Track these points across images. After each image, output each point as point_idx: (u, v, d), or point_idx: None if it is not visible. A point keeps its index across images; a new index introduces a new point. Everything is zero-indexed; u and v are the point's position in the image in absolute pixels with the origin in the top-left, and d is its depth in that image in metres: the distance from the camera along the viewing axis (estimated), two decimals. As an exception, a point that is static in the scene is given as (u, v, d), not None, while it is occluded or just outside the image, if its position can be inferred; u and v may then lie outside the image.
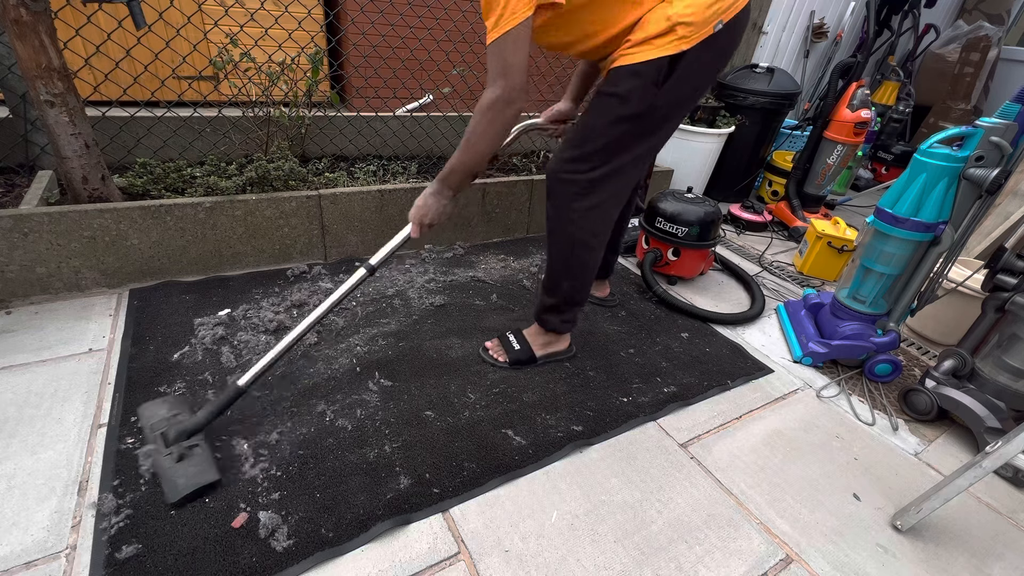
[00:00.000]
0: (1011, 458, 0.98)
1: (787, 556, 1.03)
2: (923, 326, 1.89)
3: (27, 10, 1.32)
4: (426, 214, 1.22)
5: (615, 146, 1.18)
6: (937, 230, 1.39)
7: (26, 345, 1.32)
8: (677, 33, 1.06)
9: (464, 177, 1.19)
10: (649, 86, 1.10)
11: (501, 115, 1.07)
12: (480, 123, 1.09)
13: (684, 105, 1.19)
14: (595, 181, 1.21)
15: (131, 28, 1.65)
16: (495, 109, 1.06)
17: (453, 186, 1.20)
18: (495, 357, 1.45)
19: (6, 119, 1.75)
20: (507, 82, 1.04)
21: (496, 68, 1.04)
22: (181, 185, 1.83)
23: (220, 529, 0.93)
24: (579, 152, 1.20)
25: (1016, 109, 1.39)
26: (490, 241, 2.23)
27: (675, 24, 1.06)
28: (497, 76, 1.04)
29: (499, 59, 1.03)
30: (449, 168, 1.17)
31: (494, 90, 1.05)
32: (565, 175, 1.23)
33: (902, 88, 3.62)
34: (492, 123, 1.08)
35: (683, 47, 1.07)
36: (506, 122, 1.09)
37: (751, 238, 2.64)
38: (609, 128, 1.17)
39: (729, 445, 1.29)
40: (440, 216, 1.23)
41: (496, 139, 1.12)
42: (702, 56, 1.10)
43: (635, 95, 1.12)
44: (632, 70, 1.10)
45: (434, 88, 2.60)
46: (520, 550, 0.98)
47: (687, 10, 1.06)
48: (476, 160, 1.15)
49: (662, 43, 1.07)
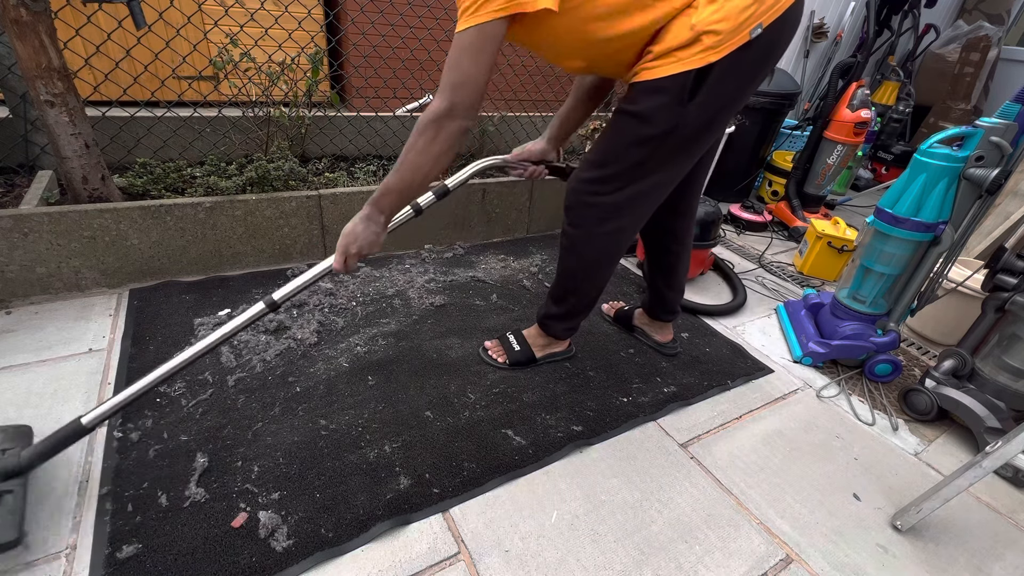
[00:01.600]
0: (1011, 458, 0.98)
1: (787, 556, 1.03)
2: (923, 326, 1.89)
3: (27, 10, 1.32)
4: (353, 242, 1.05)
5: (637, 169, 1.09)
6: (937, 230, 1.39)
7: (26, 345, 1.32)
8: (703, 43, 0.94)
9: (399, 200, 1.04)
10: (673, 104, 0.99)
11: (444, 131, 0.95)
12: (420, 140, 0.96)
13: (716, 123, 1.06)
14: (619, 205, 1.14)
15: (131, 28, 1.65)
16: (437, 124, 0.94)
17: (386, 210, 1.05)
18: (495, 358, 1.45)
19: (6, 119, 1.75)
20: (457, 97, 0.93)
21: (450, 78, 0.93)
22: (181, 185, 1.83)
23: (220, 529, 0.93)
24: (600, 174, 1.13)
25: (1016, 109, 1.39)
26: (490, 241, 2.23)
27: (700, 34, 0.93)
28: (448, 87, 0.93)
29: (456, 67, 0.92)
30: (383, 189, 1.02)
31: (441, 102, 0.93)
32: (587, 197, 1.16)
33: (902, 88, 3.62)
34: (433, 140, 0.95)
35: (710, 59, 0.94)
36: (449, 140, 0.96)
37: (751, 238, 2.64)
38: (629, 150, 1.08)
39: (729, 445, 1.29)
40: (372, 245, 1.07)
41: (436, 159, 0.98)
42: (737, 67, 0.97)
43: (657, 114, 1.01)
44: (653, 86, 1.00)
45: (434, 88, 2.60)
46: (520, 550, 0.98)
47: (714, 16, 0.93)
48: (413, 181, 1.00)
49: (686, 55, 0.95)
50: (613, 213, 1.16)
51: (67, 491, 0.98)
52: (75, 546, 0.89)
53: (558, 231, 2.36)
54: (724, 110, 1.05)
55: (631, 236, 1.24)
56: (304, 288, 1.11)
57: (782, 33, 0.99)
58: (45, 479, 0.99)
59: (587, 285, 1.31)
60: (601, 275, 1.29)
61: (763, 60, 1.01)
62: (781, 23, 0.97)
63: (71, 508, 0.95)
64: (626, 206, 1.15)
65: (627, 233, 1.22)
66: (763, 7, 0.94)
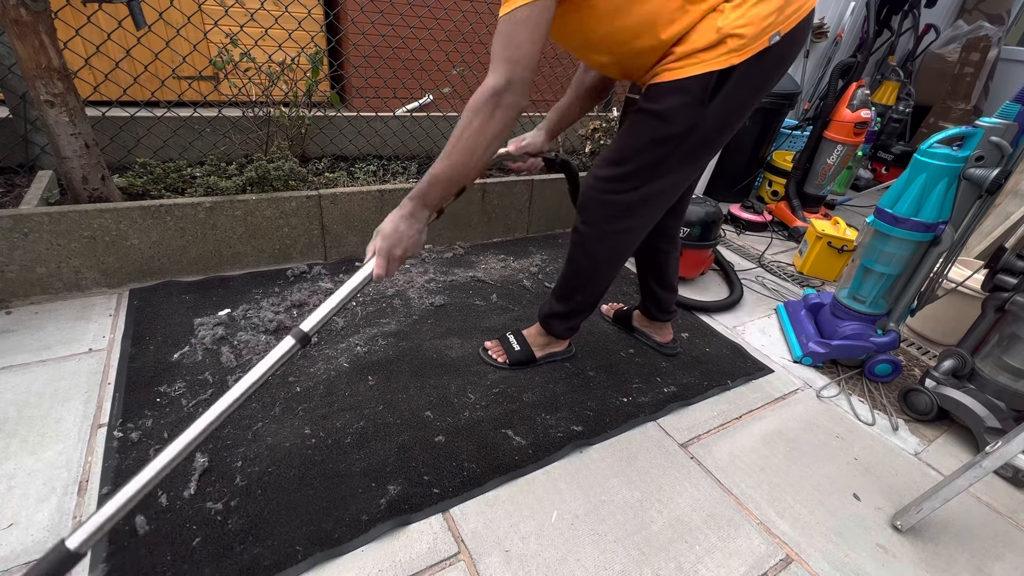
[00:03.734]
0: (1011, 458, 0.98)
1: (787, 556, 1.03)
2: (923, 326, 1.89)
3: (27, 10, 1.32)
4: (397, 243, 0.97)
5: (654, 168, 1.10)
6: (937, 230, 1.39)
7: (26, 345, 1.32)
8: (728, 46, 0.95)
9: (447, 190, 0.97)
10: (694, 104, 1.00)
11: (501, 109, 0.89)
12: (476, 119, 0.89)
13: (729, 125, 1.07)
14: (632, 205, 1.14)
15: (131, 28, 1.65)
16: (495, 100, 0.88)
17: (431, 204, 0.98)
18: (495, 357, 1.45)
19: (6, 119, 1.75)
20: (515, 73, 0.88)
21: (505, 53, 0.87)
22: (181, 185, 1.83)
23: (219, 529, 0.93)
24: (617, 172, 1.13)
25: (1016, 109, 1.39)
26: (490, 241, 2.23)
27: (725, 36, 0.94)
28: (503, 63, 0.87)
29: (511, 42, 0.87)
30: (429, 179, 0.95)
31: (498, 78, 0.87)
32: (603, 195, 1.16)
33: (902, 88, 3.62)
34: (489, 119, 0.89)
35: (733, 61, 0.96)
36: (506, 118, 0.90)
37: (751, 238, 2.64)
38: (648, 149, 1.08)
39: (729, 445, 1.29)
40: (416, 246, 1.00)
41: (492, 140, 0.92)
42: (754, 71, 0.99)
43: (678, 114, 1.02)
44: (676, 86, 1.00)
45: (434, 88, 2.61)
46: (520, 550, 0.98)
47: (740, 20, 0.94)
48: (466, 166, 0.93)
49: (709, 57, 0.96)
50: (625, 212, 1.16)
51: (67, 491, 0.98)
52: (75, 546, 0.89)
53: (558, 231, 2.38)
54: (737, 114, 1.06)
55: (640, 237, 1.24)
56: (338, 310, 0.95)
57: (794, 43, 1.01)
58: (45, 479, 0.99)
59: (594, 284, 1.31)
60: (608, 274, 1.30)
61: (776, 67, 1.03)
62: (796, 33, 0.99)
63: (71, 508, 0.95)
64: (639, 206, 1.16)
65: (637, 233, 1.22)
66: (783, 16, 0.96)
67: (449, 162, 0.93)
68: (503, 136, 0.93)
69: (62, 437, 1.08)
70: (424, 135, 2.50)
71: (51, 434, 1.09)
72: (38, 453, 1.04)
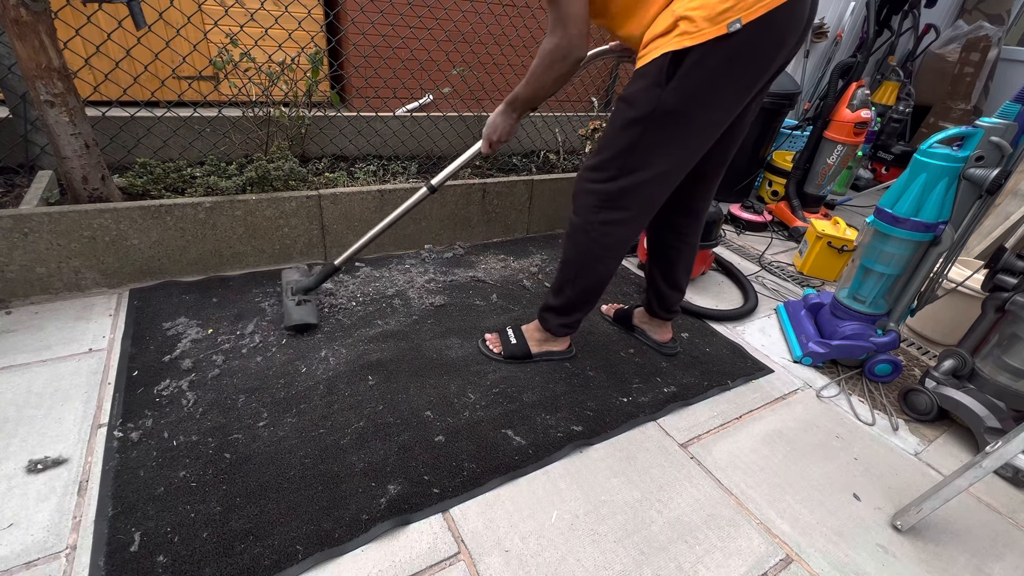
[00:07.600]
0: (1011, 458, 0.98)
1: (787, 556, 1.03)
2: (923, 326, 1.89)
3: (27, 10, 1.32)
4: (495, 130, 1.28)
5: (629, 155, 1.13)
6: (937, 230, 1.39)
7: (26, 345, 1.32)
8: (679, 28, 0.99)
9: (526, 105, 1.23)
10: (652, 87, 1.05)
11: (559, 65, 1.08)
12: (539, 66, 1.11)
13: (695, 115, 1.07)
14: (612, 194, 1.17)
15: (131, 28, 1.65)
16: (551, 59, 1.08)
17: (518, 109, 1.25)
18: (491, 348, 1.46)
19: (6, 119, 1.75)
20: (565, 32, 1.03)
21: (553, 16, 1.03)
22: (181, 185, 1.83)
23: (219, 529, 0.93)
24: (597, 160, 1.18)
25: (1016, 109, 1.39)
26: (490, 241, 2.23)
27: (678, 19, 0.99)
28: (555, 25, 1.04)
29: (555, 6, 1.02)
30: (514, 95, 1.22)
31: (552, 39, 1.05)
32: (586, 184, 1.21)
33: (902, 88, 3.62)
34: (548, 70, 1.10)
35: (686, 43, 0.98)
36: (563, 73, 1.10)
37: (751, 238, 2.64)
38: (619, 134, 1.13)
39: (729, 445, 1.29)
40: (507, 133, 1.30)
41: (553, 84, 1.13)
42: (713, 57, 0.99)
43: (639, 96, 1.08)
44: (639, 72, 1.07)
45: (434, 88, 2.61)
46: (520, 550, 0.98)
47: (692, 4, 0.97)
48: (535, 96, 1.18)
49: (664, 40, 1.02)
50: (608, 202, 1.19)
51: (67, 491, 0.98)
52: (75, 546, 0.89)
53: (558, 231, 2.38)
54: (706, 101, 1.05)
55: (629, 232, 1.24)
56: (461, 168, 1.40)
57: (767, 33, 0.98)
58: (45, 479, 0.99)
59: (583, 277, 1.31)
60: (596, 269, 1.29)
61: (749, 58, 1.01)
62: (765, 24, 0.95)
63: (71, 508, 0.95)
64: (619, 196, 1.18)
65: (625, 227, 1.22)
66: (744, 3, 0.95)
67: (529, 89, 1.17)
68: (566, 78, 1.13)
69: (62, 437, 1.08)
70: (424, 135, 2.50)
71: (51, 434, 1.09)
72: (38, 453, 1.04)
